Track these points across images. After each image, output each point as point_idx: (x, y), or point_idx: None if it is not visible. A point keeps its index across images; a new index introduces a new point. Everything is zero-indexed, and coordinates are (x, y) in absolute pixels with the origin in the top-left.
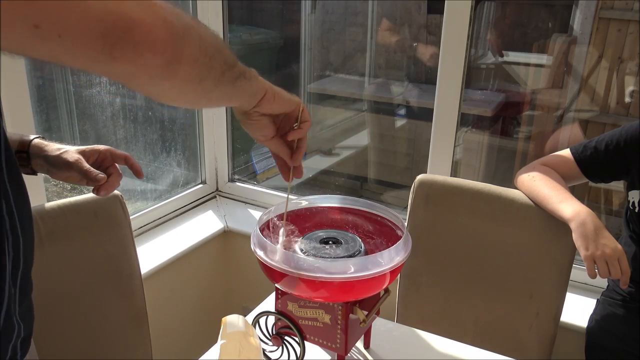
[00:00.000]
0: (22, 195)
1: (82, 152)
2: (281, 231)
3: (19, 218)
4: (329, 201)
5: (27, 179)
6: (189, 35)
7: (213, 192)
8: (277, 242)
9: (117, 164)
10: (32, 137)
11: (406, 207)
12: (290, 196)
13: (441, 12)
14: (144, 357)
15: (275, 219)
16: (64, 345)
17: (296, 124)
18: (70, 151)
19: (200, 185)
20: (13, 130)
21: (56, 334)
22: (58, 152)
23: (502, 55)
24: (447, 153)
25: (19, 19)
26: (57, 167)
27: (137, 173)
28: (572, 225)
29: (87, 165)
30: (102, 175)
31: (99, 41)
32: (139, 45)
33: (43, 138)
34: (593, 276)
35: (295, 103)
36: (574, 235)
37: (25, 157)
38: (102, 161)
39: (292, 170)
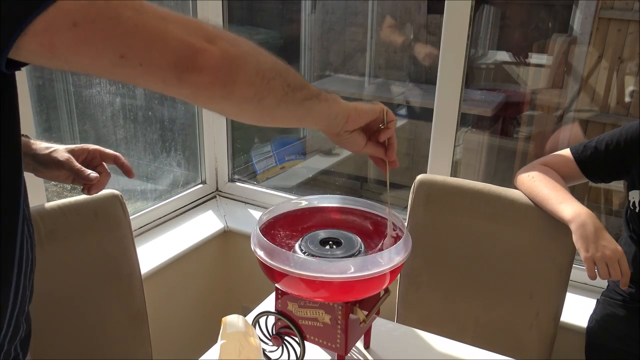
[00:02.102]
0: (26, 197)
1: (71, 151)
2: (389, 226)
3: (30, 220)
4: (329, 201)
5: (27, 179)
6: (245, 60)
7: (213, 192)
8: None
9: (106, 164)
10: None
11: (406, 207)
12: (290, 197)
13: (441, 12)
14: (144, 357)
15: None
16: (64, 345)
17: (382, 125)
18: (60, 150)
19: (200, 185)
20: None
21: (56, 334)
22: (47, 151)
23: (526, 57)
24: (447, 153)
25: (110, 49)
26: (46, 165)
27: (128, 172)
28: (572, 227)
29: (78, 165)
30: (94, 174)
31: (172, 69)
32: (199, 70)
33: (28, 137)
34: (593, 277)
35: (378, 111)
36: (574, 237)
37: None
38: (90, 160)
39: (387, 165)
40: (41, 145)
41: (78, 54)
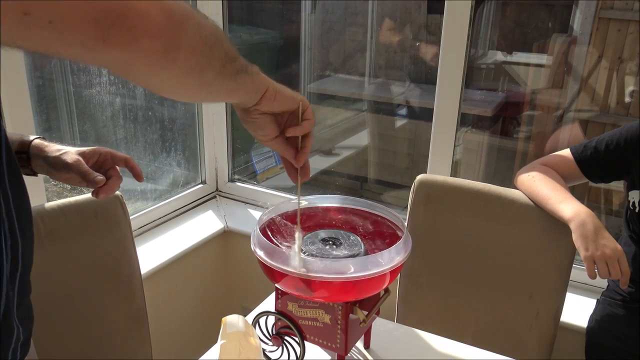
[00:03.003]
0: (22, 197)
1: (82, 154)
2: (297, 235)
3: (18, 219)
4: (329, 201)
5: (27, 179)
6: (188, 22)
7: (213, 192)
8: (290, 246)
9: (117, 167)
10: (32, 137)
11: (406, 207)
12: (290, 197)
13: (441, 12)
14: (144, 357)
15: (282, 220)
16: (63, 345)
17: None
18: (70, 152)
19: (200, 185)
20: (13, 130)
21: (56, 334)
22: (57, 153)
23: (510, 53)
24: (447, 153)
25: (8, 6)
26: (56, 168)
27: (138, 176)
28: (572, 226)
29: (85, 167)
30: (100, 177)
31: (91, 26)
32: (133, 29)
33: (44, 139)
34: (593, 277)
35: (297, 101)
36: (573, 236)
37: (25, 158)
38: (102, 163)
39: (298, 172)
40: (53, 148)
41: None
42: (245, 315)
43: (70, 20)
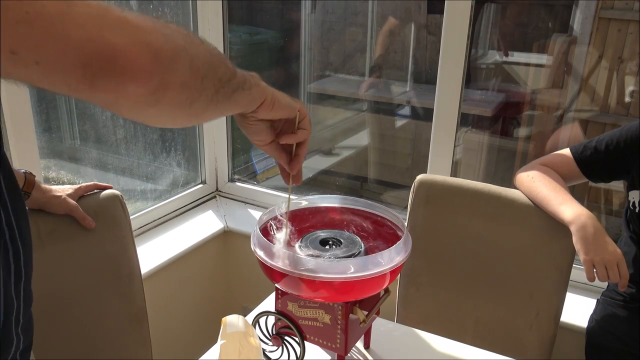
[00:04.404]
0: (21, 205)
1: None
2: (284, 230)
3: (17, 228)
4: (329, 201)
5: None
6: (178, 58)
7: (213, 192)
8: (278, 241)
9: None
10: (22, 171)
11: (406, 207)
12: (291, 197)
13: (441, 12)
14: (144, 357)
15: (279, 216)
16: (63, 345)
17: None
18: (63, 197)
19: (200, 185)
20: (13, 130)
21: (56, 334)
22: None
23: (507, 55)
24: (447, 153)
25: None
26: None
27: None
28: (572, 228)
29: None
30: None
31: (78, 70)
32: (121, 75)
33: (31, 174)
34: (592, 279)
35: (294, 109)
36: (574, 239)
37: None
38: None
39: (290, 177)
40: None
41: None
42: (245, 315)
43: (57, 63)
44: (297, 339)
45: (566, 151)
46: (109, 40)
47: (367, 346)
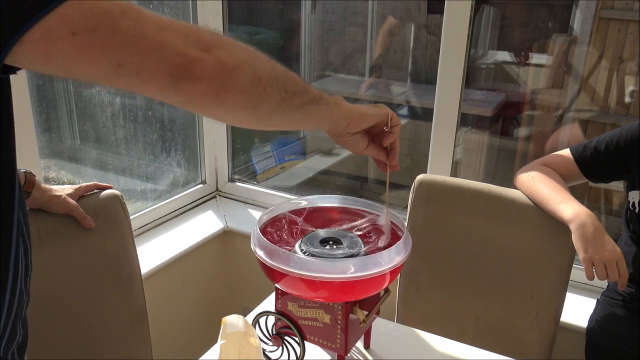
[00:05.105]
0: (23, 202)
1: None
2: (385, 210)
3: (25, 225)
4: (329, 201)
5: None
6: (239, 69)
7: (213, 192)
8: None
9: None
10: (22, 170)
11: (406, 207)
12: (291, 197)
13: (441, 12)
14: (144, 357)
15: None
16: (63, 345)
17: (386, 128)
18: (63, 197)
19: (200, 185)
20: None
21: (56, 334)
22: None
23: (527, 59)
24: (447, 153)
25: (107, 58)
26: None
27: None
28: (572, 227)
29: (81, 212)
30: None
31: (167, 78)
32: (194, 80)
33: (31, 174)
34: (591, 278)
35: (383, 115)
36: (573, 237)
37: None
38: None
39: (388, 168)
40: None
41: (75, 62)
42: (245, 315)
43: (154, 73)
44: (297, 339)
45: (566, 151)
46: (190, 54)
47: (367, 346)
